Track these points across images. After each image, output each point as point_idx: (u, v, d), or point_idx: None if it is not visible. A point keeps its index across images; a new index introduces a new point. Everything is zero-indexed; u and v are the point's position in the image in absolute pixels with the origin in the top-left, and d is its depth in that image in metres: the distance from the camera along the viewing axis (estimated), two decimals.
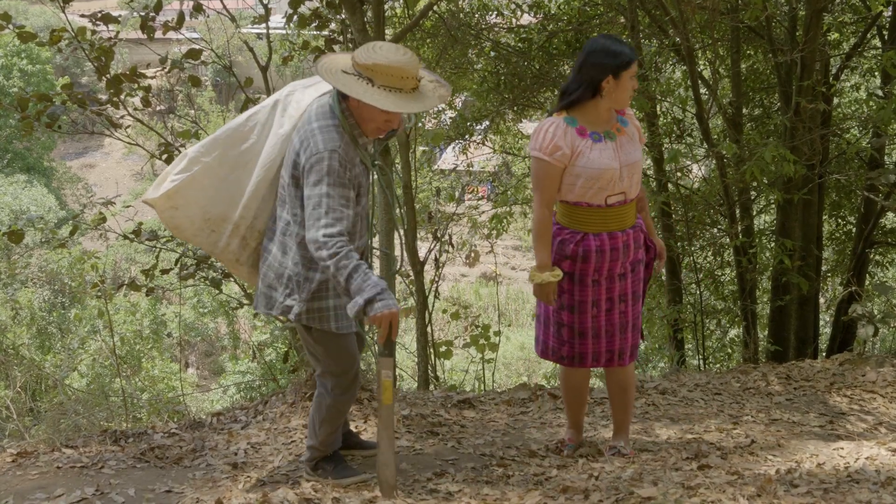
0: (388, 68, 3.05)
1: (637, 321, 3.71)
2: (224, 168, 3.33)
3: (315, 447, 3.52)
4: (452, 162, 11.04)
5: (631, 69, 3.38)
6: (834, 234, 9.25)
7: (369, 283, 3.00)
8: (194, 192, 3.32)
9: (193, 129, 6.04)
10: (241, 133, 3.34)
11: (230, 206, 3.34)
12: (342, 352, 3.35)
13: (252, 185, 3.32)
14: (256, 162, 3.32)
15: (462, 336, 7.65)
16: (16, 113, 5.13)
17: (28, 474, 3.58)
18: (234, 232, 3.36)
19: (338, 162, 3.07)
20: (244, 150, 3.33)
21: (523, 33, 8.97)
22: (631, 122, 3.58)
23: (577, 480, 3.32)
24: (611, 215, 3.50)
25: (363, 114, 3.16)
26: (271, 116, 3.34)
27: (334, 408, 3.44)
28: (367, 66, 3.06)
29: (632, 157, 3.50)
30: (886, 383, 5.11)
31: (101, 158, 36.84)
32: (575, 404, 3.92)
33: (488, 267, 24.82)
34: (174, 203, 3.34)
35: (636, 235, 3.60)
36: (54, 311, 17.08)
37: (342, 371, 3.39)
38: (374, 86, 3.06)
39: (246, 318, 17.67)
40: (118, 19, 5.27)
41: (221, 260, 3.51)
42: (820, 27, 6.87)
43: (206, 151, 3.32)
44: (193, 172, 3.31)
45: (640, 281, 3.68)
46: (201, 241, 3.42)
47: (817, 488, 3.04)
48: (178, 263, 5.82)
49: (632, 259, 3.60)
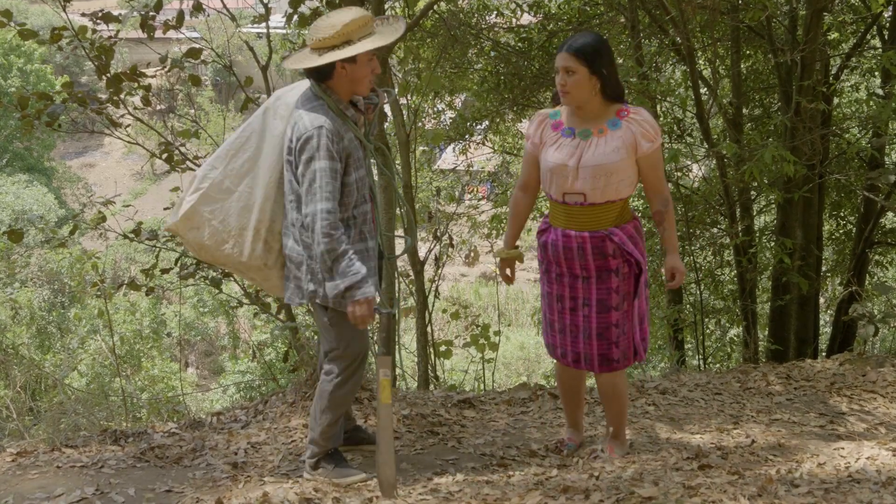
0: (358, 21, 3.30)
1: (608, 332, 3.59)
2: (231, 179, 3.45)
3: (316, 441, 3.54)
4: (452, 162, 11.05)
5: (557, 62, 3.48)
6: (834, 233, 9.25)
7: (353, 269, 3.23)
8: (209, 209, 3.44)
9: (193, 129, 6.04)
10: (240, 144, 3.47)
11: (246, 215, 3.45)
12: (356, 335, 3.44)
13: (261, 189, 3.43)
14: (261, 168, 3.44)
15: (462, 336, 7.65)
16: (16, 112, 5.13)
17: (28, 474, 3.57)
18: (255, 237, 3.46)
19: (326, 137, 3.24)
20: (246, 159, 3.45)
21: (523, 33, 8.97)
22: (628, 128, 3.46)
23: (578, 480, 3.32)
24: (571, 214, 3.55)
25: (356, 75, 3.34)
26: (265, 122, 3.47)
27: (337, 396, 3.49)
28: (340, 32, 3.26)
29: (598, 160, 3.43)
30: (887, 383, 5.11)
31: (101, 158, 36.84)
32: (569, 403, 3.95)
33: (488, 266, 24.81)
34: (194, 223, 3.46)
35: (599, 243, 3.51)
36: (54, 310, 17.08)
37: (352, 355, 3.47)
38: (355, 42, 3.28)
39: (246, 317, 17.65)
40: (119, 18, 5.26)
41: (251, 271, 3.57)
42: (820, 27, 6.87)
43: (211, 168, 3.47)
44: (204, 190, 3.44)
45: (611, 291, 3.55)
46: (228, 255, 3.50)
47: (818, 488, 3.04)
48: (177, 263, 5.83)
49: (596, 265, 3.54)
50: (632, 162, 3.48)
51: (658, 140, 3.50)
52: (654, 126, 3.50)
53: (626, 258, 3.54)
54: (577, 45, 3.43)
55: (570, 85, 3.45)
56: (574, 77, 3.43)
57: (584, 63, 3.41)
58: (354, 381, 3.52)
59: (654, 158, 3.50)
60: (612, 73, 3.48)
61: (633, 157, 3.47)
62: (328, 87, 3.36)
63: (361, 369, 3.54)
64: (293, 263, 3.44)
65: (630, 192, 3.54)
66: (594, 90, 3.46)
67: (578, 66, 3.42)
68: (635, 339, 3.65)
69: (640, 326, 3.66)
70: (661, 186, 3.57)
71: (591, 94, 3.47)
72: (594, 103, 3.49)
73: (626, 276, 3.57)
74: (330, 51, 3.28)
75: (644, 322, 3.69)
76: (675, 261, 3.59)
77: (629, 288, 3.58)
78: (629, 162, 3.47)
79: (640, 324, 3.67)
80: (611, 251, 3.52)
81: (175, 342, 17.18)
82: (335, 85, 3.35)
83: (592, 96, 3.47)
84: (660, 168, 3.56)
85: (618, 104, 3.52)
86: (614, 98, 3.51)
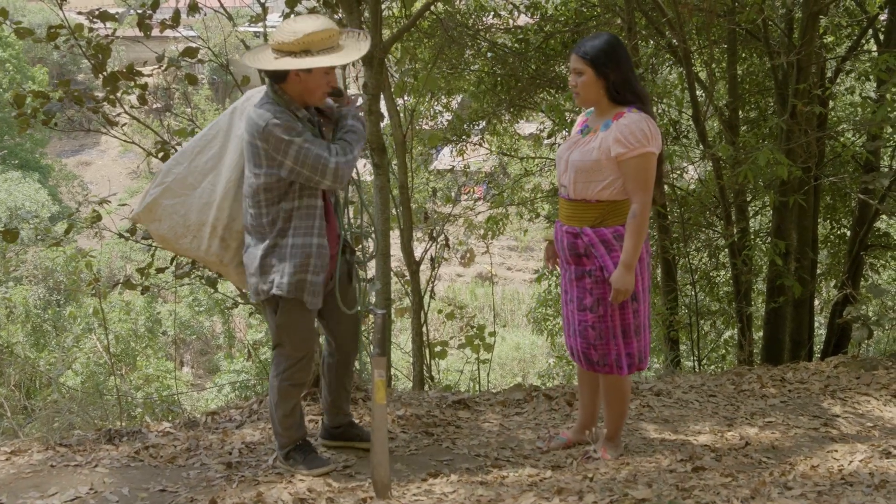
0: (321, 34, 3.32)
1: (585, 333, 3.60)
2: (195, 176, 3.53)
3: (279, 433, 3.65)
4: (449, 163, 11.05)
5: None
6: (829, 236, 9.26)
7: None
8: (171, 202, 3.52)
9: (190, 128, 6.03)
10: (206, 141, 3.55)
11: (206, 211, 3.52)
12: (302, 330, 3.51)
13: (222, 186, 3.51)
14: (224, 166, 3.51)
15: (457, 336, 7.65)
16: (12, 110, 5.12)
17: (22, 473, 3.57)
18: (212, 234, 3.53)
19: (280, 126, 3.29)
20: (211, 156, 3.53)
21: (520, 34, 8.97)
22: (610, 133, 3.45)
23: (572, 482, 3.33)
24: (560, 205, 3.69)
25: (309, 85, 3.39)
26: (231, 122, 3.54)
27: (282, 390, 3.58)
28: (300, 41, 3.29)
29: (577, 157, 3.52)
30: (881, 386, 5.12)
31: (98, 156, 36.77)
32: (580, 397, 4.04)
33: (484, 267, 24.82)
34: (155, 215, 3.55)
35: (572, 239, 3.57)
36: (49, 308, 17.04)
37: (295, 351, 3.54)
38: (314, 54, 3.31)
39: (241, 316, 17.65)
40: (116, 17, 5.25)
41: (208, 264, 3.71)
42: (816, 30, 6.88)
43: (176, 163, 3.55)
44: (167, 183, 3.53)
45: (585, 292, 3.57)
46: (186, 249, 3.59)
47: (811, 491, 3.04)
48: (173, 262, 5.82)
49: (573, 262, 3.59)
50: (611, 165, 3.46)
51: (635, 149, 3.41)
52: (637, 134, 3.41)
53: (597, 262, 3.54)
54: (585, 48, 3.49)
55: (580, 86, 3.54)
56: (583, 78, 3.51)
57: (590, 65, 3.47)
58: (298, 380, 3.60)
59: (628, 166, 3.43)
60: (619, 76, 3.48)
61: (611, 160, 3.45)
62: (281, 90, 3.42)
63: (306, 370, 3.62)
64: (250, 261, 3.49)
65: (612, 196, 3.49)
66: (601, 91, 3.51)
67: (585, 68, 3.49)
68: (617, 349, 3.60)
69: (624, 340, 3.60)
70: (634, 197, 3.46)
71: (599, 96, 3.53)
72: (603, 104, 3.55)
73: (598, 280, 3.54)
74: (287, 56, 3.32)
75: (630, 336, 3.60)
76: (617, 275, 3.46)
77: (602, 293, 3.55)
78: (607, 164, 3.46)
79: (625, 337, 3.60)
80: (582, 250, 3.56)
81: (170, 341, 17.16)
82: (288, 88, 3.41)
83: (601, 97, 3.53)
84: (636, 178, 3.44)
85: (621, 107, 3.50)
86: (621, 101, 3.50)
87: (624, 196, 3.50)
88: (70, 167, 33.67)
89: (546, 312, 11.30)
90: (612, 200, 3.50)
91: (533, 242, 24.37)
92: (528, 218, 10.38)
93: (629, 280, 3.46)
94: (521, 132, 11.41)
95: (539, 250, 23.93)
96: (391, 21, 8.14)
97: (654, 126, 3.48)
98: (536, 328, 12.61)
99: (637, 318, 3.60)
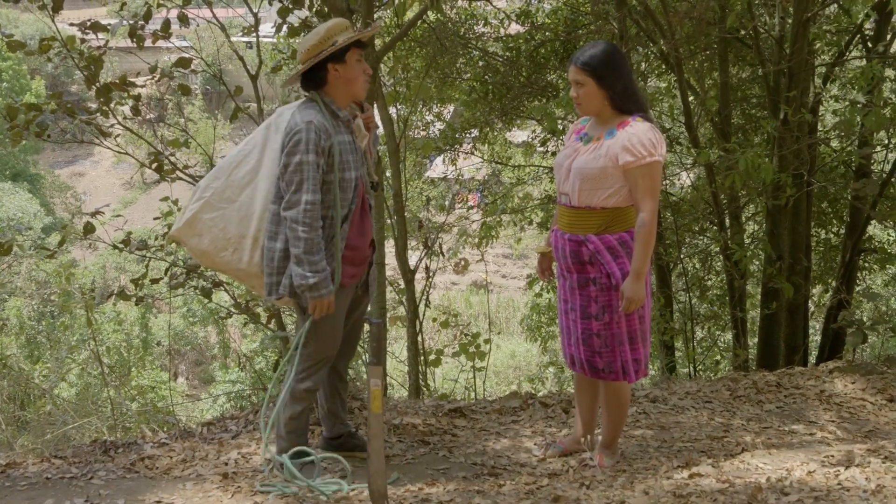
0: (340, 24, 3.54)
1: (590, 341, 3.59)
2: (232, 189, 3.59)
3: (280, 436, 3.68)
4: (442, 171, 11.07)
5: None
6: (822, 242, 9.28)
7: (322, 266, 3.40)
8: (211, 216, 3.58)
9: (183, 138, 6.03)
10: (242, 156, 3.61)
11: (246, 224, 3.58)
12: (326, 333, 3.57)
13: (261, 198, 3.57)
14: (261, 180, 3.58)
15: (452, 344, 7.65)
16: (5, 122, 5.12)
17: (17, 485, 3.55)
18: (254, 245, 3.59)
19: (314, 132, 3.39)
20: (248, 170, 3.59)
21: (511, 42, 9.00)
22: (617, 141, 3.45)
23: (569, 489, 3.32)
24: (562, 213, 3.66)
25: (347, 76, 3.51)
26: (266, 137, 3.60)
27: (295, 391, 3.61)
28: (325, 37, 3.46)
29: (581, 164, 3.51)
30: (876, 391, 5.13)
31: (91, 167, 36.75)
32: (578, 404, 4.01)
33: (479, 275, 24.84)
34: (196, 230, 3.60)
35: (576, 247, 3.55)
36: (43, 320, 16.98)
37: (318, 352, 3.59)
38: (342, 38, 3.48)
39: (236, 327, 17.61)
40: (108, 28, 5.26)
41: (251, 278, 3.70)
42: (807, 38, 6.91)
43: (213, 178, 3.61)
44: (206, 198, 3.58)
45: (590, 300, 3.56)
46: (227, 262, 3.63)
47: (808, 496, 3.05)
48: (167, 273, 5.82)
49: (576, 270, 3.57)
50: (617, 173, 3.46)
51: (644, 158, 3.41)
52: (645, 142, 3.42)
53: (603, 269, 3.53)
54: (584, 59, 3.49)
55: (581, 97, 3.54)
56: (584, 89, 3.52)
57: (591, 75, 3.48)
58: (312, 384, 3.64)
59: (636, 174, 3.43)
60: (621, 84, 3.48)
61: (618, 168, 3.45)
62: (324, 93, 3.53)
63: (321, 374, 3.66)
64: (271, 261, 3.55)
65: (618, 203, 3.49)
66: (604, 101, 3.51)
67: (586, 79, 3.50)
68: (623, 356, 3.60)
69: (630, 346, 3.60)
70: (642, 205, 3.46)
71: (602, 105, 3.53)
72: (606, 113, 3.55)
73: (604, 287, 3.54)
74: (321, 54, 3.46)
75: (636, 343, 3.61)
76: (629, 285, 3.44)
77: (608, 300, 3.55)
78: (613, 172, 3.46)
79: (632, 343, 3.60)
80: (587, 258, 3.54)
81: (165, 352, 17.11)
82: (331, 90, 3.53)
83: (604, 107, 3.53)
84: (643, 186, 3.44)
85: (625, 115, 3.51)
86: (624, 110, 3.51)
87: (628, 203, 3.51)
88: (63, 178, 33.66)
89: (539, 320, 11.32)
90: (617, 207, 3.51)
91: (527, 250, 24.40)
92: (520, 226, 10.41)
93: (641, 289, 3.45)
94: (514, 140, 11.42)
95: (533, 258, 23.94)
96: (384, 30, 8.16)
97: (659, 135, 3.50)
98: (530, 336, 12.62)
99: (643, 323, 3.62)
